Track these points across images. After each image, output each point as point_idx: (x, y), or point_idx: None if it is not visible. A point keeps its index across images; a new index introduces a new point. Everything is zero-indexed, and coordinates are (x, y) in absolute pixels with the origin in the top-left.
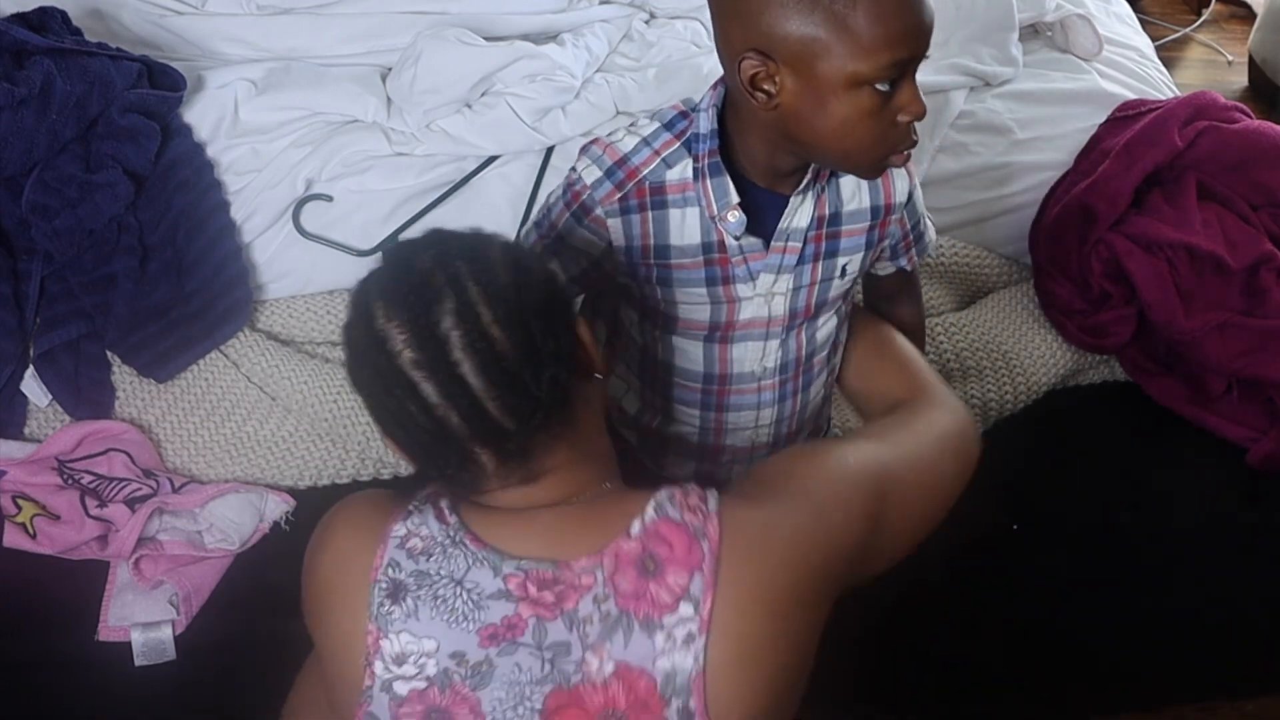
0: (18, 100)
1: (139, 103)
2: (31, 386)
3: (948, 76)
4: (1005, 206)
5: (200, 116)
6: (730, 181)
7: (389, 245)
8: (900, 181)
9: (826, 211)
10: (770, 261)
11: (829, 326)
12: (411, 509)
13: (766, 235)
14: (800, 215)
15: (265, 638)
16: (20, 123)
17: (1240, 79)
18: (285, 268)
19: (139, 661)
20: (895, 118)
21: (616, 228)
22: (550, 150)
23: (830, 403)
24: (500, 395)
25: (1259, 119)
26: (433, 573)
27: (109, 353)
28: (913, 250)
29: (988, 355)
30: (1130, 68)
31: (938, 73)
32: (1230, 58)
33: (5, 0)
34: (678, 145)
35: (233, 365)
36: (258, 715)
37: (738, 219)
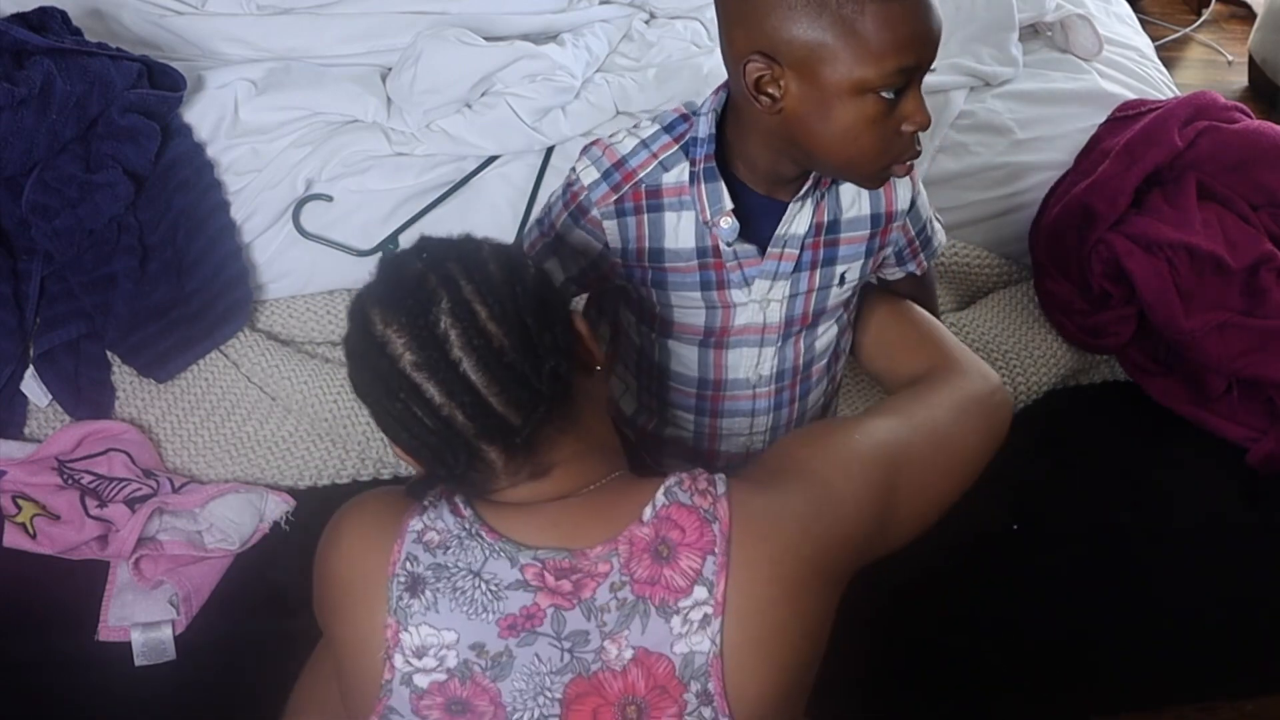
0: (18, 100)
1: (139, 103)
2: (31, 386)
3: (948, 76)
4: (1005, 206)
5: (200, 116)
6: (724, 188)
7: (388, 247)
8: (902, 189)
9: (825, 219)
10: (766, 268)
11: (829, 335)
12: (427, 504)
13: (764, 241)
14: (798, 222)
15: (265, 638)
16: (20, 123)
17: (1240, 79)
18: (285, 268)
19: (139, 661)
20: (899, 127)
21: (613, 229)
22: (550, 150)
23: (831, 410)
24: (503, 390)
25: (1259, 119)
26: (450, 565)
27: (109, 353)
28: (921, 255)
29: (988, 355)
30: (1130, 68)
31: (938, 73)
32: (1230, 58)
33: (5, 0)
34: (676, 149)
35: (233, 365)
36: (258, 715)
37: (730, 225)
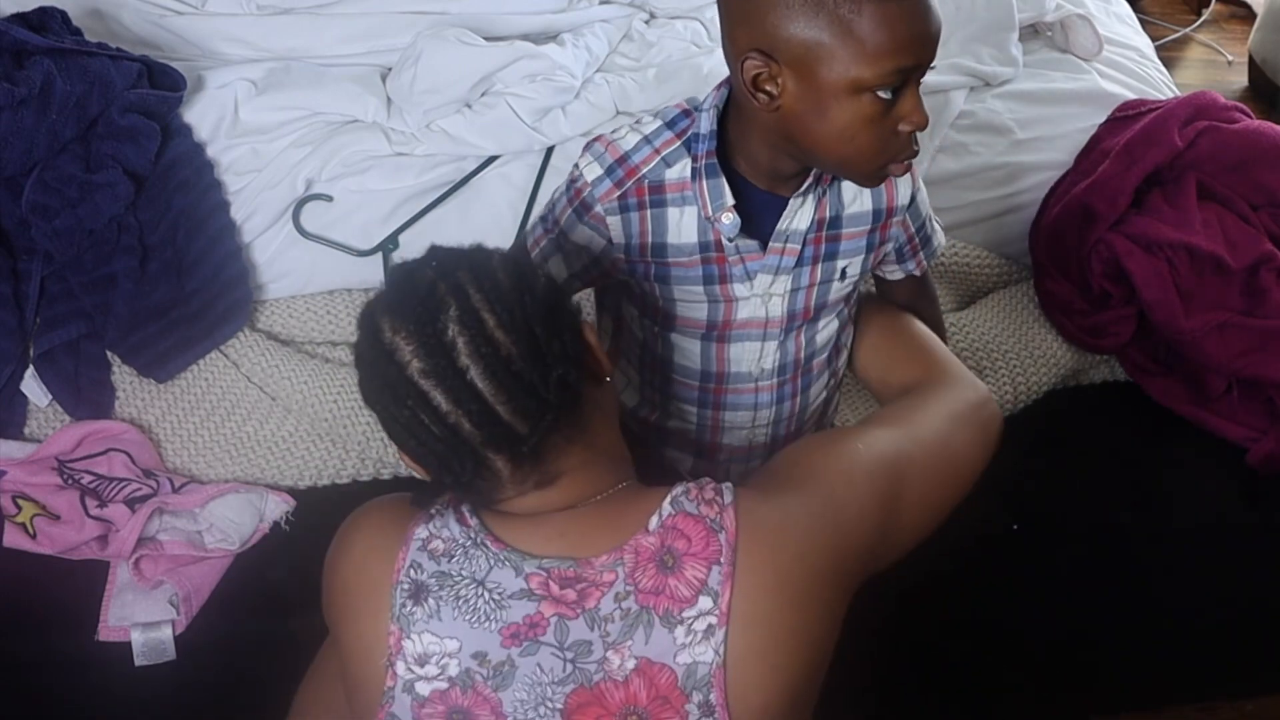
0: (18, 100)
1: (139, 103)
2: (31, 386)
3: (948, 76)
4: (1005, 206)
5: (200, 116)
6: (725, 183)
7: (387, 247)
8: (903, 185)
9: (827, 214)
10: (768, 262)
11: (830, 329)
12: (433, 512)
13: (765, 236)
14: (800, 218)
15: (265, 638)
16: (20, 123)
17: (1240, 79)
18: (285, 268)
19: (139, 661)
20: (896, 126)
21: (616, 225)
22: (550, 150)
23: (833, 405)
24: (510, 399)
25: (1259, 119)
26: (454, 573)
27: (109, 353)
28: (920, 254)
29: (988, 355)
30: (1130, 68)
31: (938, 73)
32: (1230, 58)
33: (5, 0)
34: (678, 144)
35: (233, 365)
36: (258, 715)
37: (732, 220)
